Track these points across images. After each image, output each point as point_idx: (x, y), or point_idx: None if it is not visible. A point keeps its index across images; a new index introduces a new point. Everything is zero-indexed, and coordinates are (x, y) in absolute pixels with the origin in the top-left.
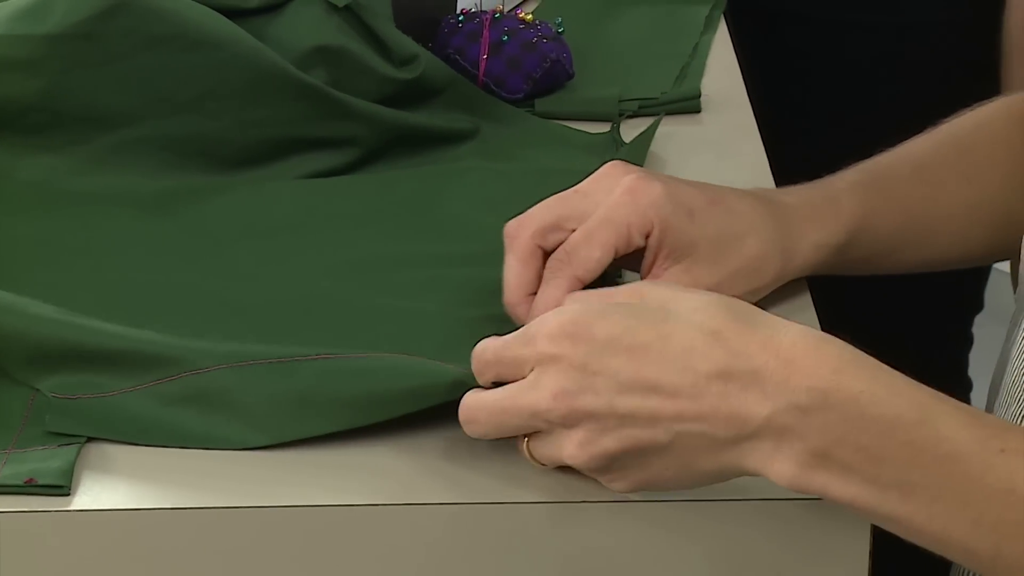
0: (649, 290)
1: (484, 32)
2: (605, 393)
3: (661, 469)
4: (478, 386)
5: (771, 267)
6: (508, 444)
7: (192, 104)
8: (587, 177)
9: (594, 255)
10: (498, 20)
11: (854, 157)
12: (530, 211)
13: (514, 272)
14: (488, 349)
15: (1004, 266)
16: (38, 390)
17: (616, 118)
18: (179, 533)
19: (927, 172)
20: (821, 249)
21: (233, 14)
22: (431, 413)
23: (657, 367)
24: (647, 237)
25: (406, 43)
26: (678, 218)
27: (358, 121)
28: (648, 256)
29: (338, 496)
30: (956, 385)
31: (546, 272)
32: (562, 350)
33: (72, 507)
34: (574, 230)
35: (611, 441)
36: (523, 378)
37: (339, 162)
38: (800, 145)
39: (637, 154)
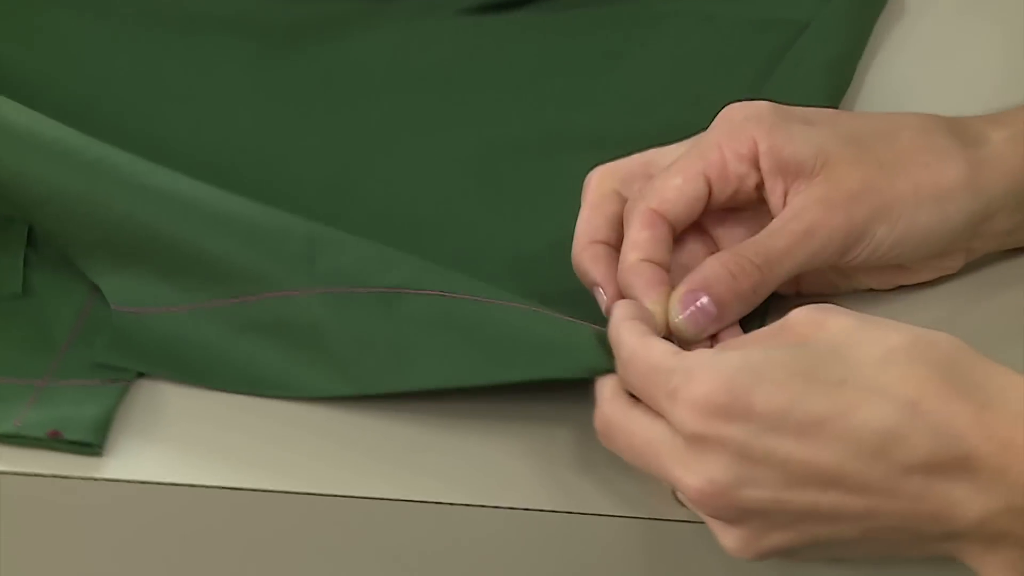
0: (822, 321)
1: None
2: (771, 487)
3: (847, 553)
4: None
5: (952, 167)
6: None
7: None
8: None
9: (672, 182)
10: None
11: None
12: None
13: (582, 218)
14: (633, 372)
15: None
16: (92, 302)
17: None
18: (234, 515)
19: None
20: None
21: None
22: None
23: (836, 453)
24: (756, 165)
25: None
26: (790, 126)
27: None
28: (771, 187)
29: (407, 491)
30: None
31: (624, 216)
32: (713, 431)
33: (99, 474)
34: None
35: (782, 538)
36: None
37: None
38: None
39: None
